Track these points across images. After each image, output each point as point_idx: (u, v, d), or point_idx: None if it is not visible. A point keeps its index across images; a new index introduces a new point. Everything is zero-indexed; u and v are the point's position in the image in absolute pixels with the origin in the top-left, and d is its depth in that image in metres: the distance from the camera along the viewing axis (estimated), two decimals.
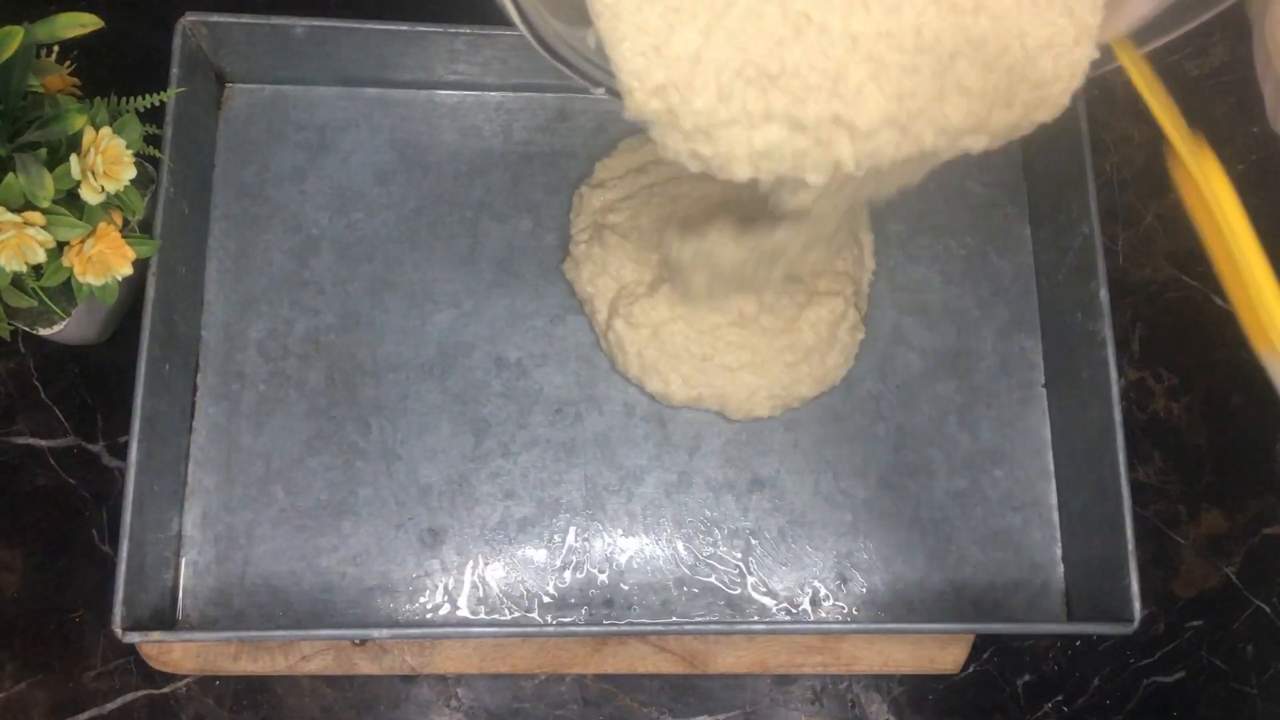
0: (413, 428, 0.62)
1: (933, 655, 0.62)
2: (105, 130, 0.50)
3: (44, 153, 0.49)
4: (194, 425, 0.61)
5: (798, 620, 0.61)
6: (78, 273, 0.52)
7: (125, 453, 0.55)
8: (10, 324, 0.54)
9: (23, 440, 0.62)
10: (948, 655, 0.62)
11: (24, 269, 0.50)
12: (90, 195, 0.50)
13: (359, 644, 0.60)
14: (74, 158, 0.49)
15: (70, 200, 0.50)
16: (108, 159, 0.50)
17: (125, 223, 0.54)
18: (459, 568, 0.60)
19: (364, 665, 0.60)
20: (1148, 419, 0.68)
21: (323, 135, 0.66)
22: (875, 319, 0.66)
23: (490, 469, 0.62)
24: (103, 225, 0.52)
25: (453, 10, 0.62)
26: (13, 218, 0.48)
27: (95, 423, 0.62)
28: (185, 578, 0.59)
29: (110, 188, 0.50)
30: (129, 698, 0.59)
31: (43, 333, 0.56)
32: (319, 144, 0.66)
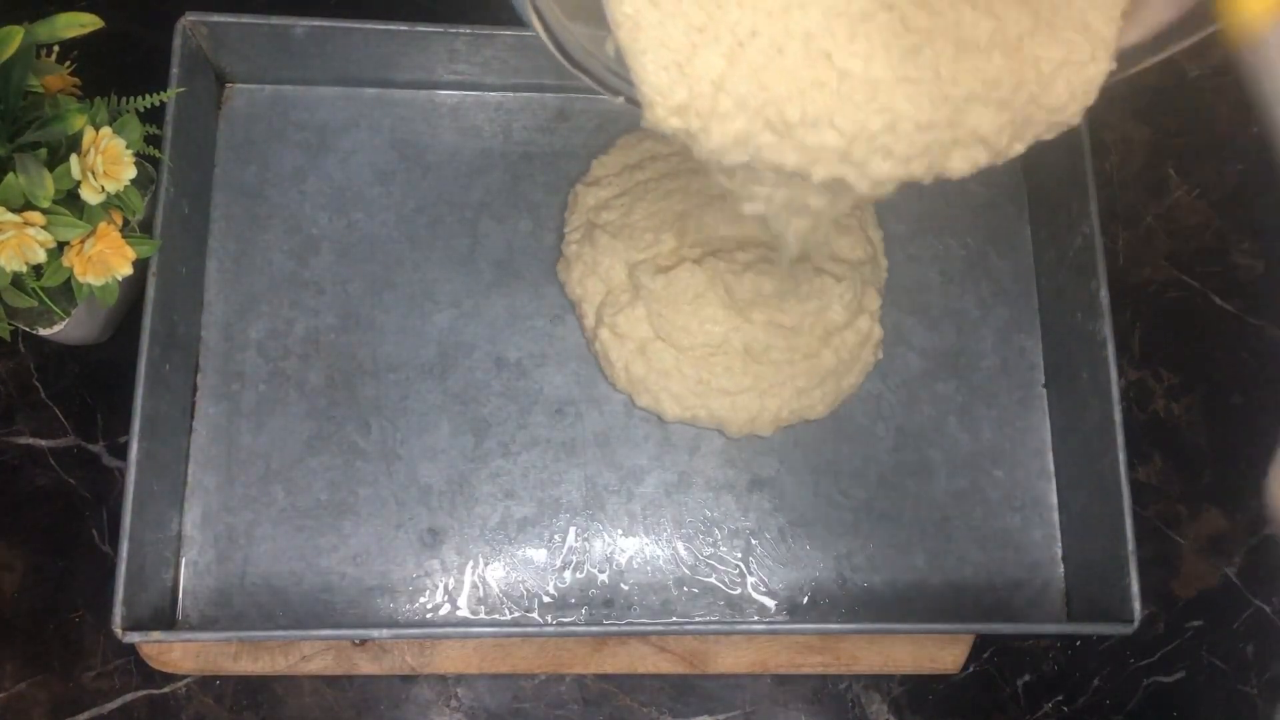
0: (413, 428, 0.62)
1: (933, 655, 0.62)
2: (105, 130, 0.50)
3: (44, 153, 0.49)
4: (194, 425, 0.61)
5: (798, 620, 0.61)
6: (78, 273, 0.51)
7: (125, 453, 0.55)
8: (10, 324, 0.54)
9: (23, 440, 0.62)
10: (948, 655, 0.62)
11: (24, 269, 0.50)
12: (90, 195, 0.50)
13: (359, 644, 0.60)
14: (74, 158, 0.49)
15: (70, 200, 0.50)
16: (108, 159, 0.50)
17: (125, 223, 0.54)
18: (459, 568, 0.60)
19: (364, 665, 0.60)
20: (1148, 419, 0.68)
21: (323, 135, 0.66)
22: None
23: (490, 469, 0.62)
24: (103, 225, 0.52)
25: (453, 10, 0.62)
26: (13, 218, 0.48)
27: (95, 423, 0.62)
28: (185, 578, 0.59)
29: (110, 188, 0.50)
30: (129, 698, 0.59)
31: (43, 333, 0.56)
32: (319, 144, 0.66)
